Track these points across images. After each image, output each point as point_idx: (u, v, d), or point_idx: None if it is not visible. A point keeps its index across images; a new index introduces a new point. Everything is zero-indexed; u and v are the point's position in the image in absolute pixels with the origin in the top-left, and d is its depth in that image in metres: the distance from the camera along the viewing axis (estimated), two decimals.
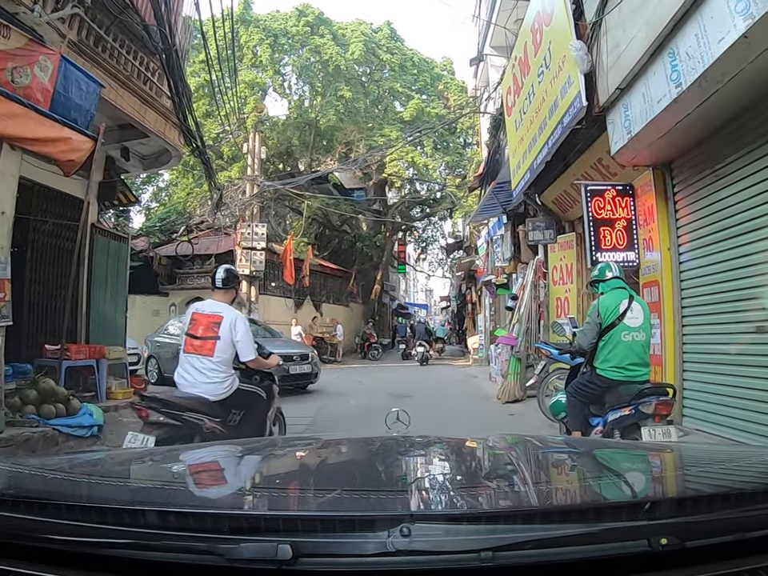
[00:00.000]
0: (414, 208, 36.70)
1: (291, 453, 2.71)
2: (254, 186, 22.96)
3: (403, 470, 2.25)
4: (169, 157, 12.97)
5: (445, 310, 63.42)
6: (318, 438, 3.82)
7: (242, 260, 22.07)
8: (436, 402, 11.57)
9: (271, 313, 23.97)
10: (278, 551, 1.16)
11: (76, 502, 1.41)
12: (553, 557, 1.20)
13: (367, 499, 1.56)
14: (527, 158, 10.68)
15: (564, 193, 11.08)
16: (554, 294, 11.69)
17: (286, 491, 1.79)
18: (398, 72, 29.72)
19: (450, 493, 1.76)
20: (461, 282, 37.42)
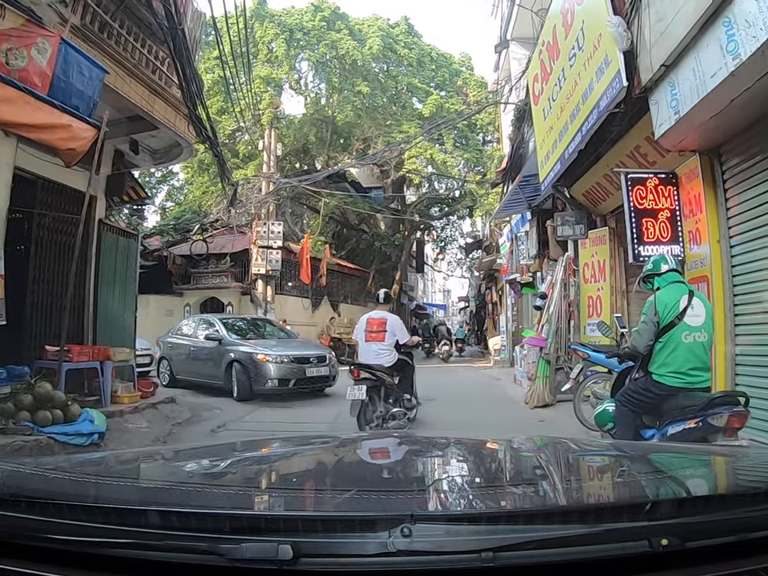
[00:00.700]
0: (433, 207, 36.06)
1: (292, 452, 2.71)
2: (270, 184, 22.47)
3: (404, 469, 2.26)
4: (180, 150, 12.55)
5: (463, 310, 62.79)
6: (319, 437, 3.99)
7: (258, 259, 21.59)
8: (461, 406, 11.01)
9: (288, 313, 23.45)
10: (279, 551, 1.15)
11: (78, 502, 1.40)
12: (554, 557, 1.20)
13: (368, 499, 1.56)
14: (557, 148, 10.04)
15: (596, 185, 10.44)
16: (585, 293, 11.04)
17: (287, 491, 1.79)
18: (416, 67, 29.07)
19: (451, 493, 1.73)
20: (480, 282, 36.82)
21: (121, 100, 9.54)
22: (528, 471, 2.25)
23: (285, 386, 12.06)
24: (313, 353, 12.94)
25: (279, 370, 12.03)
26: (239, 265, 23.32)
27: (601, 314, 10.49)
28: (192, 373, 13.88)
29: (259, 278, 21.83)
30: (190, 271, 23.79)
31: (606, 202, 10.54)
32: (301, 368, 12.20)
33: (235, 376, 12.31)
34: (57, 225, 10.04)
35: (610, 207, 10.66)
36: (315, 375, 12.48)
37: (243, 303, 22.78)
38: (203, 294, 23.73)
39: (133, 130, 11.16)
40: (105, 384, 8.98)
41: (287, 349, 12.90)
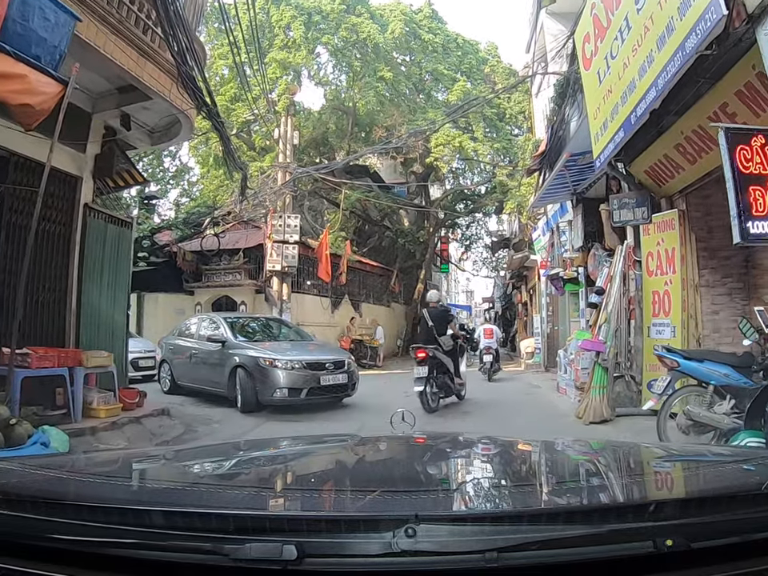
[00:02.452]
0: (458, 204, 34.38)
1: (297, 453, 2.71)
2: (286, 174, 20.93)
3: (408, 470, 2.22)
4: (180, 128, 11.14)
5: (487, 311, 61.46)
6: (324, 437, 3.92)
7: (273, 254, 20.10)
8: (502, 421, 9.52)
9: (306, 313, 22.04)
10: (283, 551, 1.16)
11: (81, 502, 1.41)
12: (558, 557, 1.20)
13: (372, 499, 1.52)
14: (618, 114, 8.37)
15: (663, 159, 8.78)
16: (649, 287, 9.33)
17: (291, 491, 1.81)
18: (440, 54, 27.40)
19: (456, 493, 1.72)
20: (507, 282, 35.22)
21: (105, 63, 8.23)
22: (532, 471, 2.23)
23: (296, 395, 10.42)
24: (329, 357, 11.27)
25: (289, 377, 10.39)
26: (253, 261, 21.87)
27: (669, 312, 8.83)
28: (194, 379, 12.33)
29: (274, 275, 20.29)
30: (202, 268, 22.47)
31: (675, 179, 8.88)
32: (315, 375, 10.57)
33: (239, 384, 10.69)
34: (32, 209, 8.65)
35: (679, 186, 8.99)
36: (331, 384, 10.81)
37: (257, 302, 21.33)
38: (215, 293, 22.41)
39: (124, 102, 9.88)
40: (75, 395, 7.48)
41: (299, 353, 11.29)
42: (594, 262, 12.92)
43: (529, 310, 27.85)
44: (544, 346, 19.84)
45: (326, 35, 25.06)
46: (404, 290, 32.60)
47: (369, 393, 13.23)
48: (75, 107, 9.39)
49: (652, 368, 9.06)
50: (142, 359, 16.20)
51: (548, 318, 20.07)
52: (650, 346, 9.08)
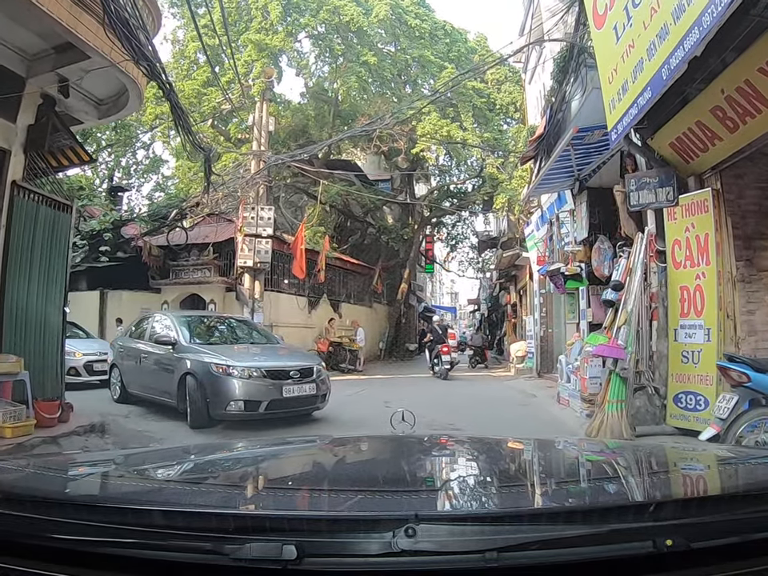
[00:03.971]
0: (444, 201, 32.95)
1: (296, 452, 2.69)
2: (261, 163, 19.37)
3: (408, 469, 2.20)
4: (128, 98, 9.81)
5: (473, 313, 60.49)
6: (324, 437, 3.88)
7: (245, 249, 18.47)
8: None
9: (281, 313, 20.50)
10: (283, 551, 1.15)
11: (81, 502, 1.44)
12: (557, 557, 1.19)
13: (372, 499, 1.57)
14: (644, 71, 6.87)
15: (696, 128, 7.30)
16: (677, 282, 7.84)
17: (291, 491, 1.79)
18: (427, 40, 25.83)
19: (455, 493, 1.73)
20: (495, 282, 33.83)
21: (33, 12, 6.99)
22: (532, 471, 2.22)
23: (254, 409, 8.75)
24: (294, 364, 9.55)
25: (245, 387, 8.73)
26: (224, 257, 20.40)
27: (702, 311, 7.37)
28: (144, 386, 10.68)
29: (246, 271, 18.68)
30: (169, 264, 21.05)
31: (708, 152, 7.42)
32: (276, 385, 8.92)
33: (188, 394, 9.04)
34: None
35: (712, 161, 7.54)
36: (296, 395, 9.12)
37: (228, 301, 19.80)
38: (183, 290, 20.93)
39: (60, 63, 8.63)
40: None
41: (259, 359, 9.62)
42: (598, 256, 11.49)
43: (518, 311, 26.46)
44: (537, 349, 18.42)
45: (306, 16, 23.47)
46: (387, 289, 31.05)
47: (344, 403, 11.72)
48: (6, 70, 8.39)
49: (679, 378, 7.61)
50: (97, 362, 14.69)
51: (541, 320, 18.67)
52: (678, 352, 7.63)
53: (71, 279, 21.36)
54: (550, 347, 18.48)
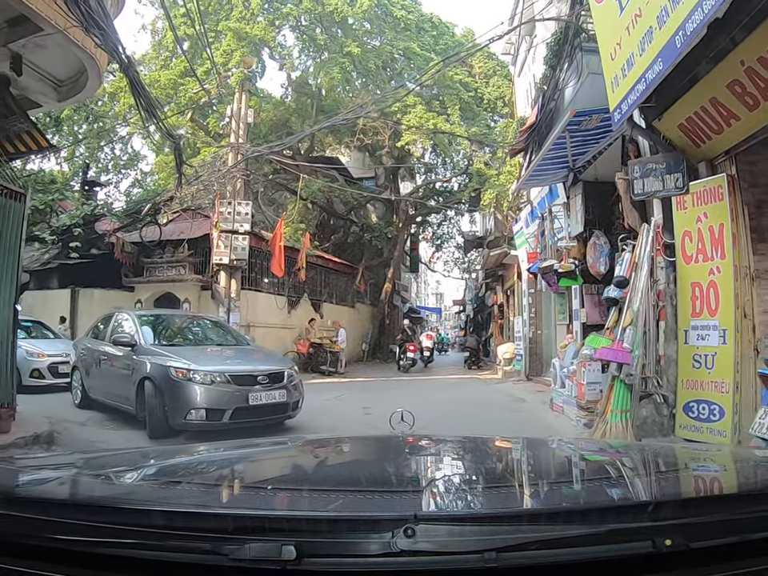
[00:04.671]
0: (430, 200, 32.18)
1: (296, 453, 2.67)
2: (238, 155, 18.51)
3: (407, 470, 2.22)
4: (87, 78, 9.16)
5: (458, 314, 59.88)
6: (323, 438, 4.09)
7: (221, 246, 17.57)
8: None
9: (258, 312, 19.63)
10: (283, 551, 1.14)
11: (81, 502, 1.43)
12: (556, 557, 1.18)
13: (371, 499, 1.56)
14: (653, 41, 6.11)
15: (709, 107, 6.55)
16: (687, 278, 7.08)
17: (291, 491, 1.77)
18: (414, 32, 25.07)
19: (455, 493, 1.72)
20: (481, 283, 33.10)
21: None
22: (531, 471, 2.21)
23: (217, 418, 7.85)
24: (262, 368, 8.64)
25: (207, 394, 7.86)
26: (199, 254, 19.50)
27: (716, 310, 6.61)
28: (104, 391, 9.76)
29: (221, 269, 17.81)
30: (143, 261, 20.08)
31: (723, 135, 6.67)
32: (242, 392, 8.02)
33: (146, 401, 8.17)
34: None
35: (726, 144, 6.79)
36: (264, 403, 8.22)
37: (203, 300, 18.94)
38: (157, 289, 20.01)
39: (12, 37, 7.98)
40: None
41: (224, 362, 8.75)
42: (594, 253, 10.74)
43: (505, 312, 25.74)
44: (525, 351, 17.67)
45: (288, 5, 22.62)
46: (370, 289, 30.21)
47: (321, 409, 10.89)
48: None
49: (690, 385, 6.85)
50: (62, 364, 13.76)
51: (530, 321, 17.94)
52: (688, 356, 6.88)
53: (42, 277, 20.62)
54: (539, 349, 17.76)
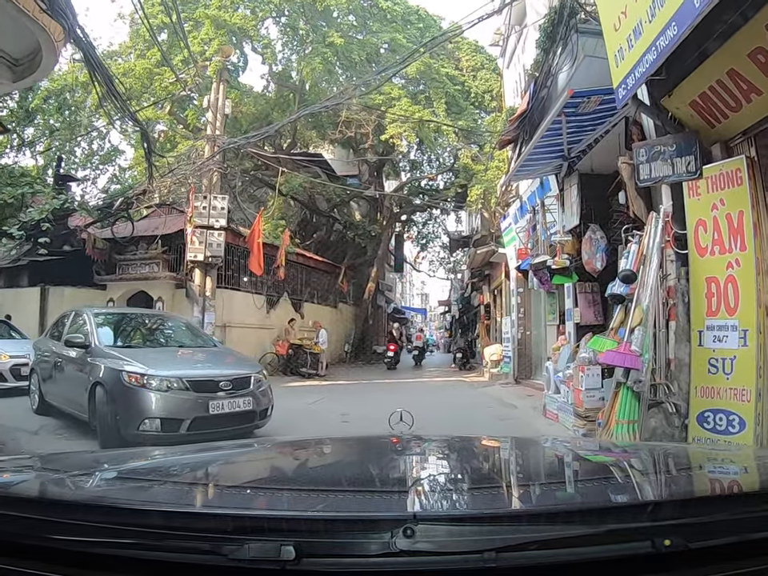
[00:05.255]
0: (415, 198, 31.43)
1: (295, 453, 2.65)
2: (215, 147, 17.67)
3: (407, 470, 2.23)
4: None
5: (443, 315, 59.25)
6: (322, 438, 4.00)
7: (195, 242, 16.70)
8: None
9: (235, 312, 18.81)
10: (282, 551, 1.14)
11: (80, 502, 1.42)
12: (556, 557, 1.18)
13: (371, 500, 1.58)
14: (664, 8, 5.34)
15: (727, 80, 5.82)
16: (702, 272, 6.30)
17: (290, 491, 1.75)
18: (400, 25, 24.32)
19: (454, 493, 1.73)
20: (468, 282, 32.39)
21: None
22: (530, 471, 2.23)
23: (173, 429, 6.97)
24: (225, 373, 7.76)
25: (163, 402, 7.01)
26: (174, 250, 18.65)
27: (736, 308, 5.84)
28: (59, 396, 8.90)
29: (196, 266, 16.96)
30: (116, 258, 19.22)
31: (740, 112, 5.93)
32: (202, 399, 7.17)
33: (97, 409, 7.32)
34: None
35: (746, 122, 6.04)
36: (227, 412, 7.35)
37: (177, 298, 18.11)
38: (130, 287, 19.18)
39: None
40: None
41: (183, 366, 7.89)
42: (589, 248, 10.01)
43: (492, 312, 25.01)
44: (514, 353, 16.91)
45: None
46: (353, 289, 29.45)
47: (296, 416, 10.09)
48: None
49: (706, 392, 6.09)
50: (25, 366, 12.81)
51: (519, 321, 17.20)
52: (703, 359, 6.11)
53: (11, 274, 19.71)
54: (528, 351, 17.02)
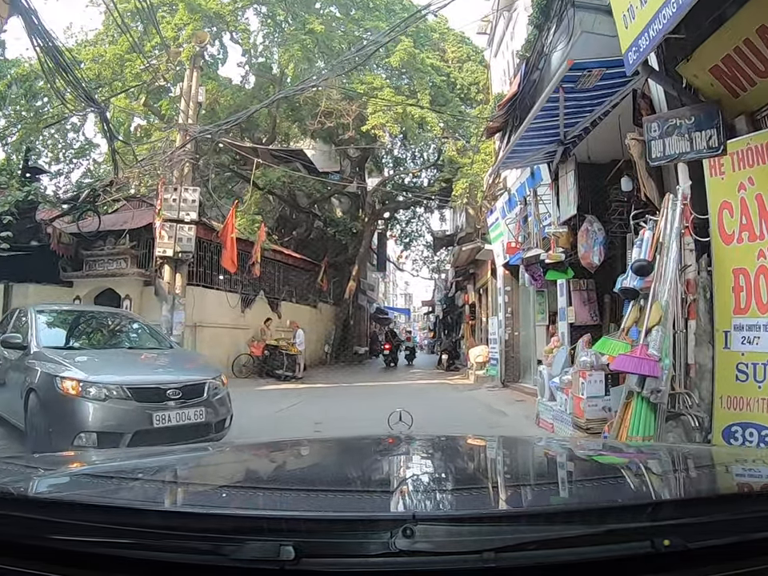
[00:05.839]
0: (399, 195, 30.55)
1: (294, 453, 2.66)
2: (186, 137, 16.70)
3: (406, 470, 2.21)
4: None
5: (427, 316, 58.56)
6: (321, 438, 4.07)
7: (164, 236, 15.71)
8: None
9: (207, 311, 17.80)
10: (281, 551, 1.13)
11: (79, 502, 1.39)
12: (555, 557, 1.17)
13: (370, 500, 1.59)
14: None
15: (756, 40, 5.01)
16: (727, 263, 5.42)
17: (289, 491, 1.73)
18: (383, 14, 23.43)
19: (453, 493, 1.72)
20: (452, 281, 31.61)
21: None
22: (530, 471, 2.21)
23: (112, 445, 5.86)
24: (176, 379, 6.71)
25: (100, 413, 5.99)
26: (143, 245, 17.64)
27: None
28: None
29: (165, 261, 15.98)
30: (83, 254, 18.13)
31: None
32: (145, 410, 6.14)
33: (30, 419, 6.36)
34: None
35: None
36: (175, 425, 6.30)
37: (146, 296, 17.12)
38: (98, 284, 18.06)
39: None
40: None
41: (127, 371, 6.81)
42: (586, 240, 9.18)
43: (477, 312, 24.18)
44: (501, 355, 16.06)
45: None
46: (334, 288, 28.51)
47: (266, 423, 9.23)
48: None
49: (733, 403, 5.24)
50: None
51: (506, 322, 16.35)
52: (730, 365, 5.26)
53: None
54: (516, 353, 16.15)
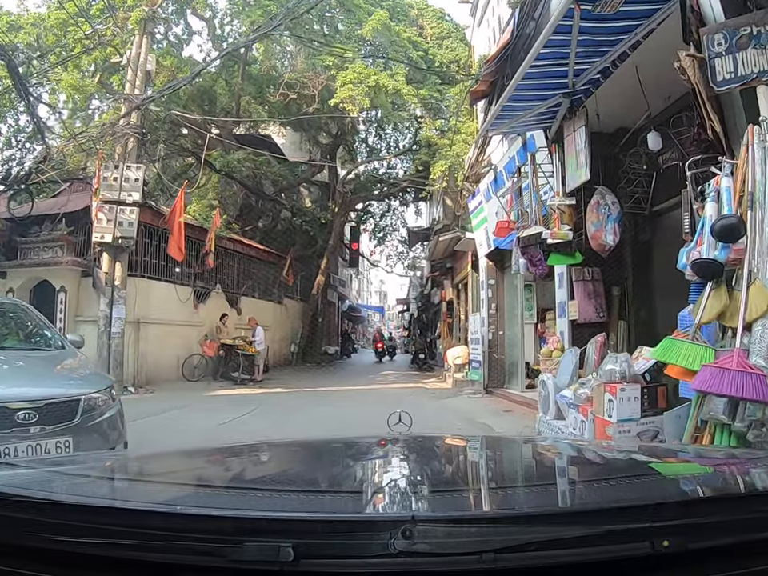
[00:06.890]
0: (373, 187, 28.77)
1: (293, 454, 2.65)
2: (133, 110, 14.76)
3: (405, 470, 2.20)
4: None
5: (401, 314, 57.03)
6: (320, 439, 3.85)
7: (102, 220, 13.77)
8: None
9: (153, 305, 15.91)
10: (280, 552, 1.12)
11: (78, 503, 1.38)
12: (554, 558, 1.17)
13: (369, 501, 1.59)
14: None
15: None
16: None
17: (288, 492, 1.70)
18: None
19: (453, 494, 1.71)
20: (428, 276, 29.98)
21: None
22: (529, 472, 2.22)
23: None
24: (32, 395, 4.63)
25: None
26: (81, 231, 15.67)
27: None
28: None
29: (104, 249, 14.05)
30: (17, 241, 16.19)
31: None
32: None
33: None
34: None
35: None
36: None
37: (83, 288, 15.23)
38: (33, 275, 16.10)
39: None
40: None
41: None
42: (597, 217, 7.43)
43: (455, 309, 22.47)
44: (484, 357, 14.22)
45: None
46: (302, 283, 26.70)
47: (199, 438, 7.35)
48: None
49: None
50: None
51: (490, 319, 14.57)
52: None
53: None
54: (501, 354, 14.35)
